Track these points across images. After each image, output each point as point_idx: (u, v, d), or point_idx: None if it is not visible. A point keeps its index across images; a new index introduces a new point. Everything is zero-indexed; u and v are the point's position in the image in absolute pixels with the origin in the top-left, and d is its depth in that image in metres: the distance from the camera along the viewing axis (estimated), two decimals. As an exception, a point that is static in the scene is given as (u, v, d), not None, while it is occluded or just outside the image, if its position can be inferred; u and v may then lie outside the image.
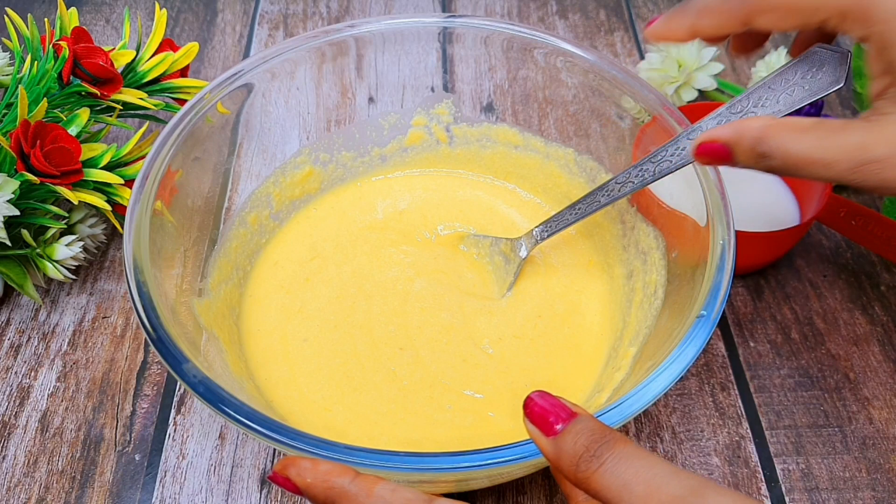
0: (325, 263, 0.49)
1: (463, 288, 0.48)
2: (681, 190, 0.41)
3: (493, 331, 0.45)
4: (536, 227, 0.47)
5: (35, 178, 0.44)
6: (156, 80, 0.53)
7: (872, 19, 0.29)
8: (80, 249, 0.48)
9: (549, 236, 0.47)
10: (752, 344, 0.49)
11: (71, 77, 0.49)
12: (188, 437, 0.44)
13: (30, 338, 0.49)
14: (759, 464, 0.43)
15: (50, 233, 0.47)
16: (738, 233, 0.38)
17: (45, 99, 0.47)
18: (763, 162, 0.31)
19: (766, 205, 0.54)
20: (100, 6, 0.76)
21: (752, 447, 0.44)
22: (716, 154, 0.33)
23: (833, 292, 0.52)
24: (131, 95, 0.50)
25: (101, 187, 0.48)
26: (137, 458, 0.43)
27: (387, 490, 0.30)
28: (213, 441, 0.44)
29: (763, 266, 0.52)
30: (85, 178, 0.46)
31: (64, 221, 0.48)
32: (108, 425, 0.44)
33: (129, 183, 0.48)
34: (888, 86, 0.30)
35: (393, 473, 0.30)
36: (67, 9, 0.52)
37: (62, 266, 0.48)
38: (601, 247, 0.50)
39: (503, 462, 0.30)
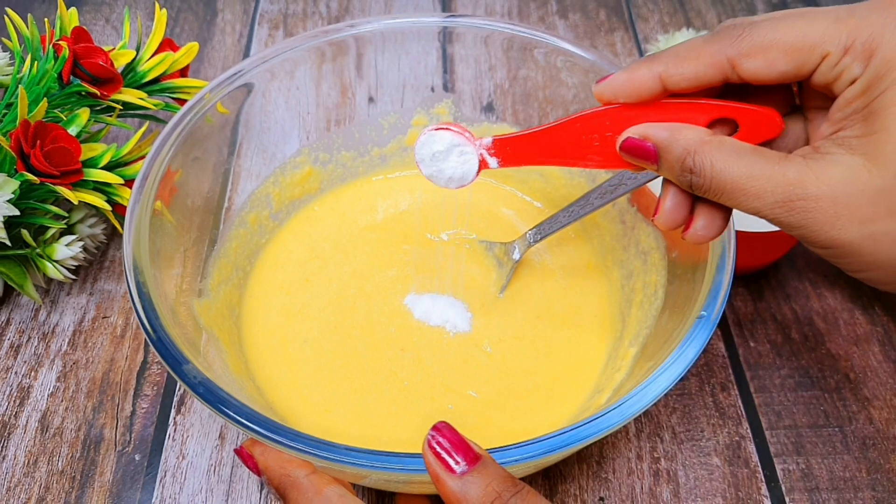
0: (325, 264, 0.49)
1: (463, 285, 0.48)
2: (681, 190, 0.41)
3: (494, 331, 0.45)
4: (530, 229, 0.47)
5: (35, 178, 0.44)
6: (156, 80, 0.53)
7: (875, 56, 0.26)
8: (80, 249, 0.48)
9: (542, 238, 0.47)
10: (752, 344, 0.49)
11: (71, 77, 0.49)
12: (188, 437, 0.44)
13: (30, 338, 0.49)
14: (759, 464, 0.43)
15: (50, 233, 0.47)
16: (738, 233, 0.38)
17: (45, 99, 0.47)
18: (688, 178, 0.29)
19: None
20: (100, 6, 0.76)
21: (752, 447, 0.44)
22: (642, 154, 0.31)
23: (833, 292, 0.52)
24: (131, 95, 0.50)
25: (100, 187, 0.48)
26: (137, 458, 0.43)
27: (335, 493, 0.31)
28: (213, 441, 0.44)
29: (763, 266, 0.52)
30: (85, 178, 0.46)
31: (64, 221, 0.48)
32: (108, 425, 0.44)
33: (128, 183, 0.48)
34: (839, 129, 0.28)
35: (394, 474, 0.30)
36: (67, 9, 0.52)
37: (62, 266, 0.48)
38: (601, 247, 0.50)
39: (505, 463, 0.29)
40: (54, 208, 0.47)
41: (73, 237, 0.48)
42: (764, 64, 0.28)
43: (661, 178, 0.39)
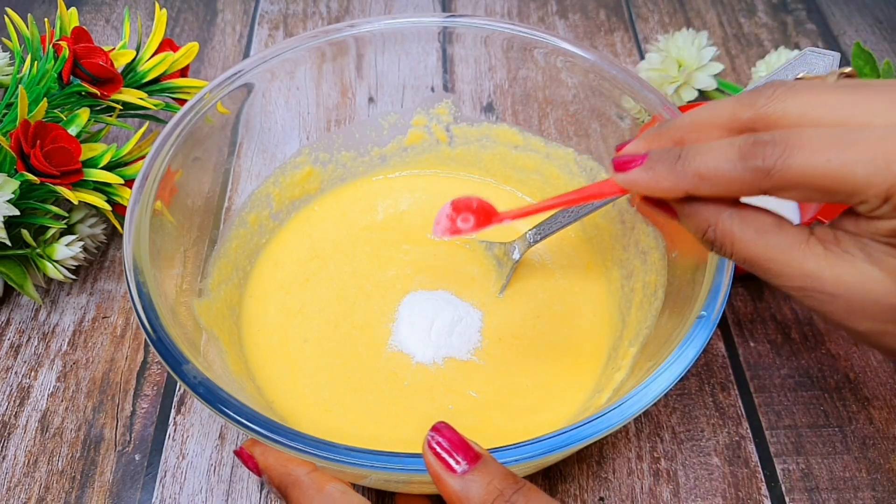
0: (325, 263, 0.49)
1: (462, 284, 0.48)
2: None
3: (493, 331, 0.45)
4: (530, 230, 0.47)
5: (35, 178, 0.44)
6: (156, 80, 0.53)
7: None
8: (80, 249, 0.48)
9: (542, 238, 0.47)
10: (752, 344, 0.49)
11: (71, 77, 0.49)
12: (188, 437, 0.44)
13: (30, 338, 0.49)
14: (759, 464, 0.43)
15: (50, 233, 0.47)
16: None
17: (45, 99, 0.47)
18: (708, 246, 0.30)
19: (766, 205, 0.53)
20: (100, 6, 0.76)
21: (752, 447, 0.44)
22: (663, 209, 0.31)
23: (833, 292, 0.52)
24: (131, 95, 0.50)
25: (101, 187, 0.48)
26: (137, 458, 0.43)
27: (337, 490, 0.31)
28: (213, 441, 0.44)
29: (763, 266, 0.52)
30: (85, 178, 0.46)
31: (64, 221, 0.48)
32: (108, 425, 0.44)
33: (129, 183, 0.48)
34: (864, 236, 0.27)
35: (394, 474, 0.30)
36: (67, 9, 0.52)
37: (62, 266, 0.48)
38: (600, 247, 0.50)
39: (505, 463, 0.29)
40: (54, 208, 0.47)
41: (73, 237, 0.48)
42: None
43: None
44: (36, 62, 0.50)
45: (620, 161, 0.31)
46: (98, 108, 0.51)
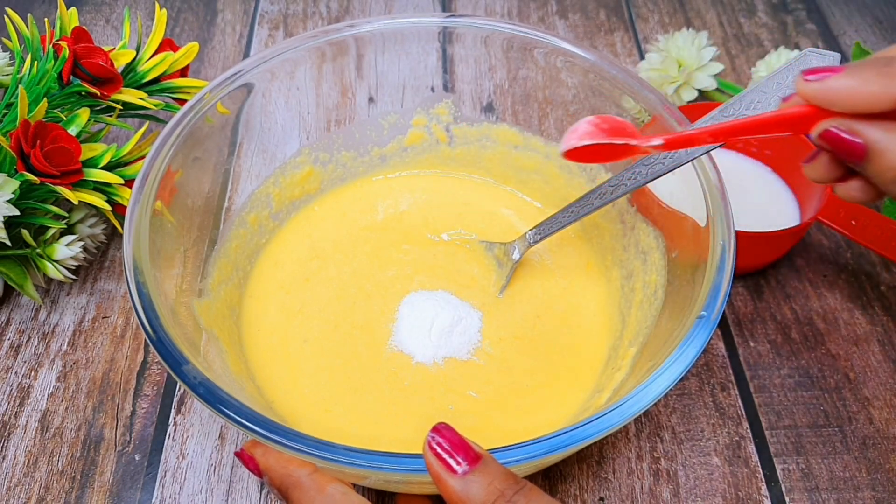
0: (325, 263, 0.49)
1: (462, 284, 0.48)
2: (681, 190, 0.41)
3: (493, 331, 0.45)
4: (530, 230, 0.47)
5: (35, 178, 0.44)
6: (156, 80, 0.53)
7: None
8: (80, 249, 0.48)
9: (542, 239, 0.47)
10: (752, 344, 0.49)
11: (71, 77, 0.49)
12: (188, 437, 0.44)
13: (30, 338, 0.49)
14: (759, 464, 0.43)
15: (50, 233, 0.47)
16: (738, 233, 0.38)
17: (45, 99, 0.47)
18: None
19: (766, 205, 0.54)
20: (100, 6, 0.76)
21: (752, 447, 0.44)
22: (845, 149, 0.26)
23: (833, 292, 0.52)
24: (131, 95, 0.50)
25: (101, 187, 0.48)
26: (137, 458, 0.43)
27: (338, 491, 0.31)
28: (213, 441, 0.44)
29: (763, 266, 0.52)
30: (85, 178, 0.46)
31: (64, 221, 0.48)
32: (108, 425, 0.44)
33: (129, 183, 0.48)
34: None
35: (394, 475, 0.31)
36: (67, 9, 0.52)
37: (62, 266, 0.48)
38: (600, 247, 0.50)
39: (506, 464, 0.29)
40: (54, 208, 0.47)
41: (73, 237, 0.48)
42: None
43: (662, 179, 0.39)
44: (36, 62, 0.50)
45: (813, 71, 0.26)
46: (98, 108, 0.51)
